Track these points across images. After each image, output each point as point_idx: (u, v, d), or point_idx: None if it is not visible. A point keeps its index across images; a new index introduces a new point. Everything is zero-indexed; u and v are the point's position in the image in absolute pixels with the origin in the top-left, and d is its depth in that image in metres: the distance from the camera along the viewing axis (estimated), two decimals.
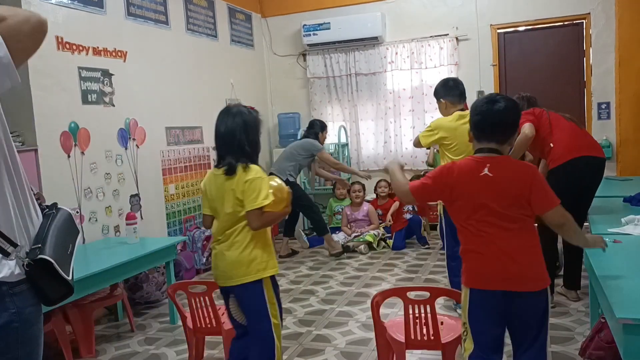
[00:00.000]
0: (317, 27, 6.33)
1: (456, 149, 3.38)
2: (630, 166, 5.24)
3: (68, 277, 1.38)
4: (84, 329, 3.29)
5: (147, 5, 4.67)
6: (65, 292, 1.40)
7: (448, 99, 3.58)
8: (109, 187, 4.13)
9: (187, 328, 2.84)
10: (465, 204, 1.99)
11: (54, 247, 1.36)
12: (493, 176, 1.95)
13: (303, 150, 5.20)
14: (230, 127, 2.36)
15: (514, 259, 1.91)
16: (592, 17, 5.63)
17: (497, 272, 1.93)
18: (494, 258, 1.93)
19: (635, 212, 2.99)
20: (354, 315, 3.68)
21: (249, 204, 2.24)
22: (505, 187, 1.94)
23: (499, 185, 1.94)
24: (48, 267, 1.33)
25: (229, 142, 2.35)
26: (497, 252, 1.93)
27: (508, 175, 1.96)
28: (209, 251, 4.97)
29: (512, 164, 2.03)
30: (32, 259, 1.31)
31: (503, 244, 1.93)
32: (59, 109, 3.71)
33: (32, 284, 1.34)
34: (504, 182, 1.95)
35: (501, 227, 1.93)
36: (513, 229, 1.93)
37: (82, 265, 3.14)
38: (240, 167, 2.28)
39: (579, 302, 3.60)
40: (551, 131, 3.41)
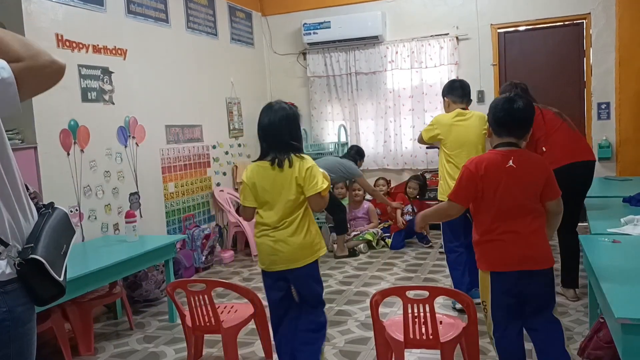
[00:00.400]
0: (317, 26, 6.33)
1: (450, 145, 3.57)
2: (630, 166, 5.24)
3: (59, 277, 1.38)
4: (82, 326, 3.29)
5: (147, 3, 4.67)
6: (57, 292, 1.40)
7: (450, 98, 3.75)
8: (109, 185, 4.13)
9: (186, 326, 2.84)
10: (492, 194, 2.25)
11: (47, 247, 1.36)
12: (517, 167, 2.23)
13: (344, 168, 5.26)
14: (274, 122, 2.51)
15: (530, 243, 2.22)
16: (592, 17, 5.62)
17: (515, 256, 2.23)
18: (513, 243, 2.22)
19: (635, 213, 2.99)
20: (353, 314, 3.68)
21: (311, 189, 2.49)
22: (526, 177, 2.25)
23: (522, 176, 2.24)
24: (39, 267, 1.33)
25: (274, 137, 2.52)
26: (515, 238, 2.22)
27: (529, 166, 2.26)
28: (208, 250, 4.97)
29: (531, 156, 2.33)
30: (23, 259, 1.31)
31: (522, 230, 2.22)
32: (58, 106, 3.71)
33: (23, 283, 1.34)
34: (526, 173, 2.25)
35: (521, 214, 2.23)
36: (530, 216, 2.24)
37: (81, 263, 3.14)
38: (296, 158, 2.50)
39: (578, 301, 3.60)
40: (546, 134, 3.48)
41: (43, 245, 1.36)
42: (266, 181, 2.51)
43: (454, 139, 3.55)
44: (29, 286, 1.34)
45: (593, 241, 2.58)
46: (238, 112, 6.12)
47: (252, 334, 3.28)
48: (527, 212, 2.23)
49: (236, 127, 6.07)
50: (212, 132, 5.58)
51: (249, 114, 6.36)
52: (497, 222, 2.25)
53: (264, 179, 2.52)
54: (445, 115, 3.73)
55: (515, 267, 2.23)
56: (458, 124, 3.60)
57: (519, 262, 2.22)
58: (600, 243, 2.54)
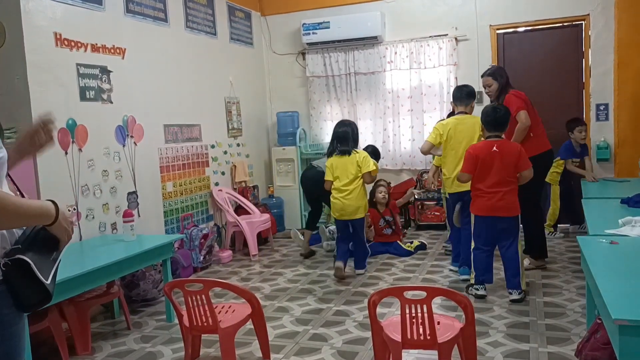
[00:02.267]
0: (316, 26, 6.33)
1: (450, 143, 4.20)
2: (628, 167, 5.24)
3: (47, 281, 1.37)
4: (80, 326, 3.29)
5: (146, 2, 4.66)
6: (43, 297, 1.39)
7: (455, 102, 4.49)
8: (106, 184, 4.12)
9: (183, 326, 2.83)
10: (483, 168, 3.64)
11: (35, 250, 1.35)
12: (499, 151, 3.62)
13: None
14: (345, 131, 4.55)
15: (504, 199, 3.63)
16: (591, 18, 5.63)
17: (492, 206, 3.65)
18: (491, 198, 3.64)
19: (633, 214, 2.99)
20: (350, 314, 3.68)
21: (366, 168, 4.46)
22: (505, 157, 3.62)
23: (502, 156, 3.61)
24: (25, 268, 1.32)
25: (344, 139, 4.52)
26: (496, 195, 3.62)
27: (507, 150, 3.64)
28: (206, 249, 4.96)
29: (508, 143, 3.75)
30: (9, 259, 1.30)
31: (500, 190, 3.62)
32: (56, 105, 3.70)
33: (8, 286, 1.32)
34: (505, 154, 3.62)
35: (500, 181, 3.62)
36: (506, 182, 3.63)
37: (78, 263, 3.13)
38: (354, 151, 4.51)
39: (576, 303, 3.61)
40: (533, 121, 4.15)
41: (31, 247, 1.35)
42: (340, 165, 4.48)
43: (450, 136, 4.21)
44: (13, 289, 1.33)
45: (591, 242, 2.58)
46: (237, 111, 6.12)
47: (249, 334, 3.28)
48: (504, 179, 3.62)
49: (235, 127, 6.06)
50: (210, 131, 5.57)
51: (248, 114, 6.36)
52: (485, 185, 3.65)
53: (338, 163, 4.49)
54: (446, 121, 4.43)
55: (490, 213, 3.66)
56: (457, 124, 4.24)
57: (493, 210, 3.65)
58: (598, 244, 2.54)
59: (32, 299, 1.37)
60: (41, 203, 1.38)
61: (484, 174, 3.63)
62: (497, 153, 3.59)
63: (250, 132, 6.40)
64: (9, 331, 1.35)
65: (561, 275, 4.24)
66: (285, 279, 4.61)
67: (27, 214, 1.33)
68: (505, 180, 3.61)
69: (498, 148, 3.60)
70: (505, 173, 3.60)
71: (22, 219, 1.33)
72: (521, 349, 2.98)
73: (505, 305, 3.66)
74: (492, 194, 3.62)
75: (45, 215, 1.37)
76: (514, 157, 3.60)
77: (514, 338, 3.13)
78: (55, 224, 1.39)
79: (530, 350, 2.97)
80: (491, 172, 3.60)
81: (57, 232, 1.41)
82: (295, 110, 6.66)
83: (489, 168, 3.60)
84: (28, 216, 1.33)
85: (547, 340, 3.08)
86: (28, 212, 1.33)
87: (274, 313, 3.78)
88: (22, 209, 1.31)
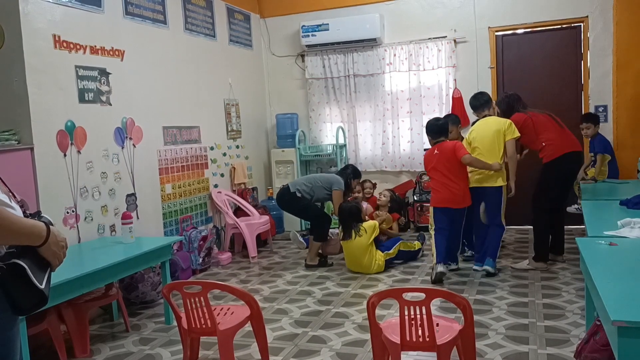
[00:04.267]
0: (315, 28, 6.33)
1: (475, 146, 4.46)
2: (627, 169, 5.24)
3: (41, 285, 1.36)
4: (78, 328, 3.28)
5: (145, 4, 4.67)
6: (38, 301, 1.38)
7: (475, 111, 4.71)
8: (105, 186, 4.12)
9: (181, 328, 2.82)
10: (432, 169, 4.40)
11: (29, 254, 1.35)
12: (439, 153, 4.34)
13: (324, 182, 5.07)
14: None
15: (454, 192, 4.29)
16: (590, 20, 5.64)
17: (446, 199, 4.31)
18: (445, 192, 4.31)
19: (632, 215, 2.99)
20: (350, 316, 3.67)
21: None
22: (444, 156, 4.30)
23: (442, 156, 4.31)
24: (21, 272, 1.32)
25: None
26: (447, 190, 4.30)
27: (445, 151, 4.31)
28: (205, 251, 4.96)
29: (447, 144, 4.35)
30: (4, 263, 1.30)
31: (449, 185, 4.29)
32: (55, 107, 3.70)
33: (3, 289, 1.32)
34: (443, 154, 4.31)
35: (448, 177, 4.29)
36: (454, 177, 4.29)
37: (77, 265, 3.13)
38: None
39: (575, 304, 3.61)
40: (537, 132, 4.44)
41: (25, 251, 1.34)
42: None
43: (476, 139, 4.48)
44: (8, 293, 1.33)
45: (590, 244, 2.58)
46: (236, 113, 6.12)
47: (248, 336, 3.28)
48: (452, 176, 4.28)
49: (234, 129, 6.06)
50: (210, 133, 5.57)
51: (247, 116, 6.36)
52: (435, 181, 4.39)
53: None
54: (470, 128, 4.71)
55: (444, 204, 4.34)
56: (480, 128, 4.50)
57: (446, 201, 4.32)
58: (597, 246, 2.53)
59: (28, 302, 1.37)
60: (34, 222, 1.37)
61: (433, 171, 4.37)
62: (438, 155, 4.32)
63: (249, 134, 6.40)
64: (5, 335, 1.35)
65: (560, 277, 4.24)
66: (284, 281, 4.61)
67: (19, 232, 1.32)
68: (451, 173, 4.27)
69: (439, 150, 4.33)
70: (447, 169, 4.27)
71: (14, 236, 1.32)
72: (520, 351, 2.98)
73: (505, 307, 3.65)
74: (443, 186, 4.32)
75: (36, 235, 1.36)
76: (450, 152, 4.26)
77: (513, 340, 3.13)
78: (45, 246, 1.38)
79: (529, 351, 2.97)
80: (438, 169, 4.31)
81: (46, 254, 1.39)
82: (294, 112, 6.67)
83: (436, 166, 4.32)
84: (20, 233, 1.32)
85: (547, 342, 3.07)
86: (20, 229, 1.32)
87: (273, 315, 3.77)
88: (15, 226, 1.31)
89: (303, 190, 5.02)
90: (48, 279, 1.42)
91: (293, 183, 5.15)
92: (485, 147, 4.37)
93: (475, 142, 4.45)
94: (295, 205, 5.10)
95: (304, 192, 5.02)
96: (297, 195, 4.99)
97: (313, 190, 5.03)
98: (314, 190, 5.04)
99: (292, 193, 5.00)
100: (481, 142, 4.40)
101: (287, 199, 5.07)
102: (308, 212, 5.18)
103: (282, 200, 5.15)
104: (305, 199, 5.01)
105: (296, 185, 5.08)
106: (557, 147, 4.35)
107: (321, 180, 5.12)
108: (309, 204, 5.07)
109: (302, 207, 5.08)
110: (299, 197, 4.99)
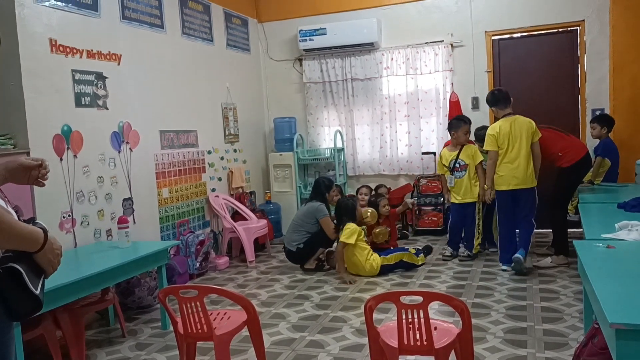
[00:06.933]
0: (313, 33, 6.34)
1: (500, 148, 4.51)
2: (624, 172, 5.24)
3: (36, 291, 1.36)
4: (74, 333, 3.25)
5: (142, 9, 4.67)
6: (34, 306, 1.38)
7: (495, 107, 4.68)
8: (102, 190, 4.11)
9: (178, 333, 2.80)
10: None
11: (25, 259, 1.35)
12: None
13: (308, 218, 5.02)
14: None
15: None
16: (586, 24, 5.65)
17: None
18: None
19: (629, 218, 2.99)
20: (348, 320, 3.66)
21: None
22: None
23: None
24: (17, 277, 1.31)
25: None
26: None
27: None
28: (202, 256, 4.94)
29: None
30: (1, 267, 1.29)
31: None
32: (51, 111, 3.69)
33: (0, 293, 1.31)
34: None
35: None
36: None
37: (73, 269, 3.11)
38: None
39: (573, 307, 3.60)
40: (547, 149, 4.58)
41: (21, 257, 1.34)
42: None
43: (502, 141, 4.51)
44: (4, 298, 1.32)
45: (587, 246, 2.58)
46: (234, 117, 6.11)
47: (245, 341, 3.26)
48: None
49: (232, 133, 6.06)
50: (207, 137, 5.56)
51: (245, 120, 6.35)
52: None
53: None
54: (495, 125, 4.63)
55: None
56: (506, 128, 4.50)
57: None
58: (595, 248, 2.53)
59: (24, 307, 1.36)
60: (32, 227, 1.37)
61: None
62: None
63: (247, 138, 6.39)
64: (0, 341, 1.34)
65: (558, 280, 4.23)
66: (282, 285, 4.59)
67: (18, 236, 1.32)
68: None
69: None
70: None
71: (13, 240, 1.32)
72: (519, 355, 2.96)
73: (503, 311, 3.64)
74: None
75: (33, 240, 1.35)
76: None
77: (512, 343, 3.11)
78: (40, 252, 1.37)
79: (527, 355, 2.96)
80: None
81: (41, 261, 1.39)
82: (292, 116, 6.66)
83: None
84: (18, 238, 1.32)
85: (545, 345, 3.06)
86: (19, 234, 1.32)
87: (270, 320, 3.76)
88: (15, 230, 1.31)
89: (299, 243, 4.97)
90: (42, 286, 1.41)
91: (287, 241, 5.09)
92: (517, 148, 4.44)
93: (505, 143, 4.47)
94: (307, 253, 4.97)
95: (300, 241, 4.97)
96: (300, 248, 4.95)
97: (306, 231, 4.98)
98: (306, 230, 4.99)
99: (296, 250, 4.97)
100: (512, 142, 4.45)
101: (297, 256, 5.00)
102: (316, 240, 4.97)
103: (296, 259, 5.05)
104: (312, 243, 4.95)
105: (292, 242, 5.02)
106: (574, 152, 4.56)
107: (303, 218, 5.05)
108: (311, 239, 4.96)
109: (310, 245, 4.94)
110: (302, 248, 4.95)
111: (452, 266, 4.86)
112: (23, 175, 1.70)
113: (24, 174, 1.70)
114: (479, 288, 4.18)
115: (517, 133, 4.43)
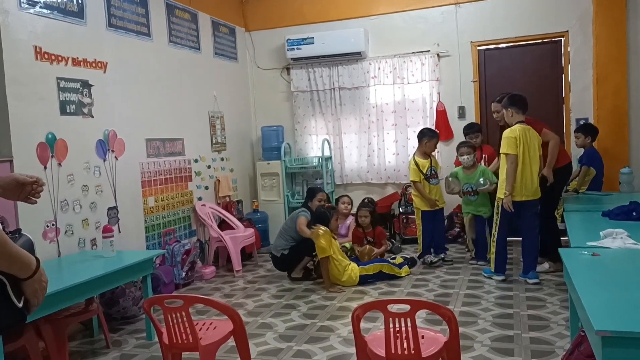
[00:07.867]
0: (300, 42, 6.36)
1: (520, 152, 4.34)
2: (608, 181, 5.30)
3: (19, 304, 1.33)
4: (57, 345, 3.19)
5: (128, 17, 4.65)
6: (17, 319, 1.35)
7: (514, 108, 4.46)
8: (86, 199, 4.05)
9: (163, 344, 2.76)
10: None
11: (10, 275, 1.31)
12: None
13: (292, 223, 5.08)
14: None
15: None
16: (570, 34, 5.75)
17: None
18: None
19: (614, 226, 3.02)
20: (335, 329, 3.64)
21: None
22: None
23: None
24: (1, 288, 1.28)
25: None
26: None
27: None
28: (188, 265, 4.88)
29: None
30: None
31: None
32: (36, 119, 3.65)
33: None
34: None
35: None
36: None
37: (56, 279, 3.05)
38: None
39: (559, 315, 3.61)
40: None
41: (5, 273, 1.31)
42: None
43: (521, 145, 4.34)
44: None
45: (573, 254, 2.60)
46: (221, 126, 6.09)
47: (231, 351, 3.22)
48: None
49: (219, 141, 6.03)
50: (194, 145, 5.53)
51: (232, 128, 6.33)
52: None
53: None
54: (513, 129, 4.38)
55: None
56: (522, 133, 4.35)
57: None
58: (580, 256, 2.55)
59: (7, 319, 1.33)
60: (27, 253, 1.34)
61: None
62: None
63: (234, 147, 6.37)
64: None
65: (545, 288, 4.26)
66: (269, 295, 4.55)
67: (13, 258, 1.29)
68: None
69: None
70: None
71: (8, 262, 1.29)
72: None
73: (490, 319, 3.65)
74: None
75: (26, 265, 1.33)
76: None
77: (499, 352, 3.11)
78: (29, 280, 1.34)
79: None
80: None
81: (28, 290, 1.35)
82: (280, 125, 6.66)
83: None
84: (13, 260, 1.29)
85: (532, 353, 3.07)
86: (14, 256, 1.29)
87: (257, 330, 3.72)
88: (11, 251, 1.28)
89: (283, 246, 4.98)
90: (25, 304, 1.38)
91: (273, 246, 5.14)
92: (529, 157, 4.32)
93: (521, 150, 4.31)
94: (292, 260, 4.96)
95: (285, 247, 4.97)
96: (285, 254, 4.95)
97: (291, 237, 4.98)
98: (291, 236, 4.99)
99: (280, 256, 4.97)
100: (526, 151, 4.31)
101: (281, 262, 5.01)
102: (301, 247, 4.93)
103: (280, 265, 5.06)
104: (297, 251, 4.93)
105: (277, 247, 5.03)
106: (560, 156, 4.60)
107: (289, 223, 5.12)
108: (296, 246, 4.95)
109: (296, 253, 4.93)
110: (286, 254, 4.95)
111: (439, 274, 4.86)
112: (16, 190, 1.68)
113: (17, 190, 1.68)
114: (466, 296, 4.18)
115: (530, 143, 4.33)
